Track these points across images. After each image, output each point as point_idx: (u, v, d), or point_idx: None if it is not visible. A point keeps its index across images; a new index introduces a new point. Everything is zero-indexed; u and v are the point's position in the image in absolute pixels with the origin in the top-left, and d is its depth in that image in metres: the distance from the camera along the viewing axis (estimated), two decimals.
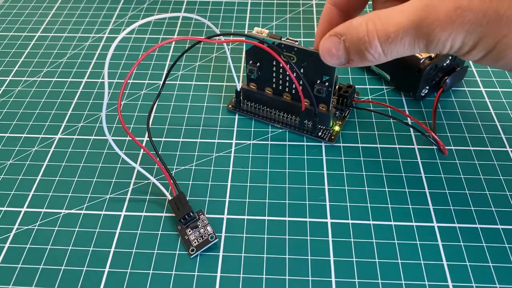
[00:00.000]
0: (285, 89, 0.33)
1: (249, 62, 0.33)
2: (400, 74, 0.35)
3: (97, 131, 0.35)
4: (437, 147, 0.32)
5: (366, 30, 0.23)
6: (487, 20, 0.20)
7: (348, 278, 0.26)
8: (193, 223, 0.28)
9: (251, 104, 0.35)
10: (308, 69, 0.31)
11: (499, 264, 0.26)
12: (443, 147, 0.32)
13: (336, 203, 0.29)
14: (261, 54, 0.31)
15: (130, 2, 0.48)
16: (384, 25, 0.22)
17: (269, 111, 0.34)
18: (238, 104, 0.35)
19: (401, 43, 0.22)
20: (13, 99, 0.38)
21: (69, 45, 0.43)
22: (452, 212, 0.29)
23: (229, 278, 0.26)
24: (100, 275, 0.26)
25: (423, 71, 0.33)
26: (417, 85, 0.34)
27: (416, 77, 0.34)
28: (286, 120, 0.34)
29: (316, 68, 0.30)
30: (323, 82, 0.31)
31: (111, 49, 0.25)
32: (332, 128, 0.33)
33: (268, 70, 0.32)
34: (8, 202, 0.30)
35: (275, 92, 0.33)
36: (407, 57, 0.34)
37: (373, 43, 0.23)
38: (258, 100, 0.34)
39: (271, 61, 0.32)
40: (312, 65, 0.30)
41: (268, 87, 0.34)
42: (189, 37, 0.29)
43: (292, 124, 0.34)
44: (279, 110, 0.34)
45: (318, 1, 0.48)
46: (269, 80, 0.33)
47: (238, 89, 0.34)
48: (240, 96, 0.34)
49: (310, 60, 0.30)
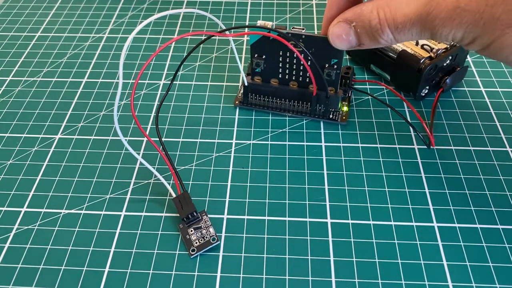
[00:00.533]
0: (292, 78, 0.34)
1: (254, 55, 0.33)
2: (400, 74, 0.35)
3: (97, 131, 0.35)
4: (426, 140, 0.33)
5: (377, 18, 0.24)
6: (484, 22, 0.21)
7: (348, 278, 0.26)
8: (195, 223, 0.28)
9: (257, 97, 0.35)
10: (316, 55, 0.31)
11: (499, 264, 0.26)
12: (431, 139, 0.32)
13: (336, 203, 0.29)
14: (267, 46, 0.32)
15: (130, 2, 0.48)
16: (393, 15, 0.23)
17: (277, 101, 0.35)
18: (246, 99, 0.35)
19: (409, 32, 0.24)
20: (13, 99, 0.38)
21: (69, 45, 0.43)
22: (452, 212, 0.29)
23: (229, 278, 0.26)
24: (100, 275, 0.26)
25: (423, 71, 0.33)
26: (417, 85, 0.34)
27: (416, 77, 0.34)
28: (295, 108, 0.34)
29: (323, 52, 0.31)
30: (332, 65, 0.31)
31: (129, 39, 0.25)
32: (341, 109, 0.34)
33: (274, 61, 0.33)
34: (8, 202, 0.30)
35: (281, 82, 0.34)
36: (407, 57, 0.34)
37: (385, 31, 0.24)
38: (265, 92, 0.35)
39: (277, 52, 0.32)
40: (320, 50, 0.31)
41: (274, 78, 0.34)
42: (204, 31, 0.29)
43: (302, 110, 0.34)
44: (287, 99, 0.34)
45: (318, 1, 0.48)
46: (275, 71, 0.33)
47: (246, 83, 0.34)
48: (248, 91, 0.35)
49: (317, 46, 0.31)
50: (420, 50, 0.34)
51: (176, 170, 0.30)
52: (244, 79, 0.34)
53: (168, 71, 0.39)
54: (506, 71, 0.39)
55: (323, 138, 0.33)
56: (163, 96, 0.33)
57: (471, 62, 0.40)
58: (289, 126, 0.34)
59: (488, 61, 0.40)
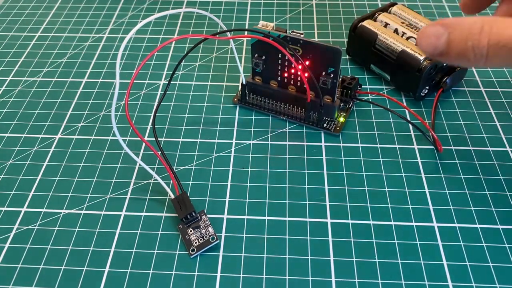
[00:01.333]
0: (290, 82, 0.33)
1: (254, 55, 0.33)
2: (400, 74, 0.35)
3: (97, 131, 0.35)
4: (434, 146, 0.32)
5: (480, 29, 0.23)
6: None
7: (348, 278, 0.26)
8: (195, 223, 0.28)
9: (256, 97, 0.35)
10: (314, 61, 0.31)
11: (499, 264, 0.26)
12: (439, 145, 0.32)
13: (336, 203, 0.29)
14: (267, 47, 0.32)
15: (130, 2, 0.48)
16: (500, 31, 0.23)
17: (274, 103, 0.35)
18: (244, 97, 0.35)
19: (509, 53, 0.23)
20: (13, 99, 0.38)
21: (69, 45, 0.43)
22: (452, 212, 0.29)
23: (229, 278, 0.26)
24: (100, 275, 0.26)
25: (423, 71, 0.33)
26: (417, 85, 0.34)
27: (416, 77, 0.34)
28: (292, 112, 0.34)
29: (321, 60, 0.31)
30: (329, 74, 0.31)
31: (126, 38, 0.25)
32: (337, 119, 0.34)
33: (273, 63, 0.33)
34: (8, 202, 0.30)
35: (280, 85, 0.34)
36: (407, 57, 0.34)
37: (481, 43, 0.23)
38: (263, 93, 0.35)
39: (276, 54, 0.32)
40: (318, 57, 0.31)
41: (273, 80, 0.34)
42: (204, 35, 0.30)
43: (298, 116, 0.34)
44: (284, 102, 0.34)
45: (318, 1, 0.48)
46: (274, 73, 0.33)
47: (244, 82, 0.34)
48: (246, 90, 0.35)
49: (315, 52, 0.31)
50: (420, 50, 0.34)
51: (174, 171, 0.30)
52: (242, 77, 0.34)
53: (168, 71, 0.39)
54: (506, 71, 0.39)
55: (323, 138, 0.33)
56: (161, 96, 0.32)
57: None
58: (289, 126, 0.34)
59: None
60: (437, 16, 0.45)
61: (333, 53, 0.30)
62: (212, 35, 0.29)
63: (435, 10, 0.46)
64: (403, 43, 0.35)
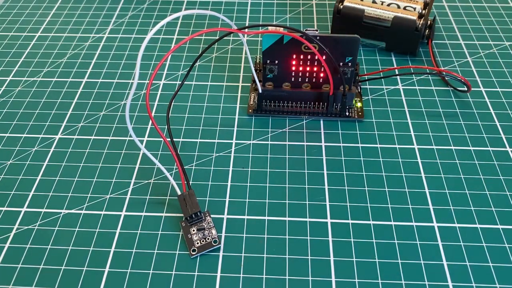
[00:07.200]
0: (304, 80, 0.34)
1: (266, 62, 0.33)
2: (398, 38, 0.39)
3: (97, 131, 0.35)
4: (464, 84, 0.35)
5: None
6: None
7: (348, 278, 0.26)
8: (198, 223, 0.28)
9: (271, 103, 0.35)
10: (332, 54, 0.32)
11: (499, 264, 0.26)
12: (466, 81, 0.34)
13: (336, 203, 0.29)
14: (280, 51, 0.32)
15: (130, 2, 0.48)
16: None
17: (293, 104, 0.35)
18: (260, 106, 0.35)
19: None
20: (13, 99, 0.38)
21: (69, 45, 0.43)
22: (452, 212, 0.29)
23: (229, 278, 0.26)
24: (100, 275, 0.26)
25: (420, 29, 0.37)
26: (417, 43, 0.38)
27: (416, 35, 0.38)
28: (313, 109, 0.35)
29: (339, 51, 0.32)
30: (346, 63, 0.32)
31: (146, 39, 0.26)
32: (355, 106, 0.35)
33: (287, 65, 0.33)
34: (8, 202, 0.30)
35: (293, 86, 0.34)
36: (402, 21, 0.38)
37: None
38: (278, 98, 0.35)
39: (291, 55, 0.33)
40: (334, 49, 0.31)
41: (286, 82, 0.34)
42: (219, 28, 0.30)
43: (318, 111, 0.35)
44: (301, 101, 0.35)
45: (318, 1, 0.48)
46: (287, 75, 0.34)
47: (260, 91, 0.34)
48: (262, 98, 0.35)
49: (331, 45, 0.31)
50: (407, 12, 0.38)
51: (183, 167, 0.30)
52: (259, 86, 0.34)
53: (168, 71, 0.39)
54: (506, 71, 0.39)
55: (323, 138, 0.33)
56: (173, 96, 0.32)
57: (471, 62, 0.40)
58: (289, 126, 0.34)
59: (488, 61, 0.40)
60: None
61: (352, 43, 0.31)
62: (239, 29, 0.29)
63: None
64: (391, 10, 0.38)
